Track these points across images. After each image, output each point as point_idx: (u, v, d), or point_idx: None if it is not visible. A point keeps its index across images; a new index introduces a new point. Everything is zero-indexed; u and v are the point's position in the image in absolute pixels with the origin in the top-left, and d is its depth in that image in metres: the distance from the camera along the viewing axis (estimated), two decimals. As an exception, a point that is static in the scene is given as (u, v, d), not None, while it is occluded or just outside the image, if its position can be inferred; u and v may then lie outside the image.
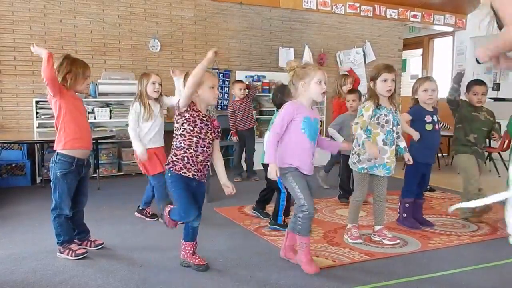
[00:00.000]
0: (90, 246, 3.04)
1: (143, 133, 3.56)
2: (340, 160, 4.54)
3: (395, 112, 3.15)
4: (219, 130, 2.65)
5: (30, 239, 3.25)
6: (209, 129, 2.56)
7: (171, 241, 3.23)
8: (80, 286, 2.47)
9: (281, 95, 3.39)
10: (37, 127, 5.37)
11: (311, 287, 2.48)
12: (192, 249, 2.69)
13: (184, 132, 2.51)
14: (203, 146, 2.54)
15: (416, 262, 2.86)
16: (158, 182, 3.55)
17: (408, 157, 3.27)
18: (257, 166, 5.65)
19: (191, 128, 2.50)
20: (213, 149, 2.64)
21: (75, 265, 2.76)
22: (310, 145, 2.65)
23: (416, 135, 3.44)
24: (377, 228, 3.27)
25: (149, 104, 3.56)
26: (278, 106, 3.36)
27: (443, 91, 7.87)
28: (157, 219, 3.73)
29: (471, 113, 3.71)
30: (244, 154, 5.75)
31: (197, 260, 2.67)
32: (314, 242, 3.20)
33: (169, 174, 2.55)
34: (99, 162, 5.36)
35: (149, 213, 3.81)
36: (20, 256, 2.91)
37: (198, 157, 2.54)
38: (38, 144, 5.22)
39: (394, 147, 3.16)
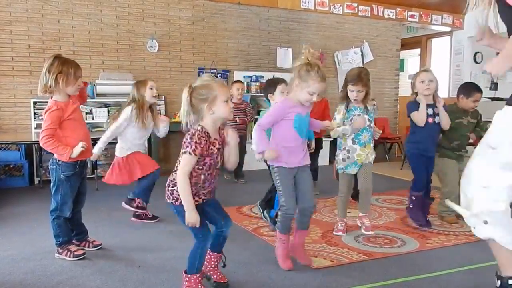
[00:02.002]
0: (88, 247, 3.04)
1: (131, 137, 3.62)
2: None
3: (372, 109, 3.33)
4: (224, 144, 2.36)
5: (28, 240, 3.25)
6: (221, 153, 2.28)
7: (170, 241, 3.23)
8: (78, 287, 2.47)
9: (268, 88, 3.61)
10: (35, 128, 5.36)
11: (310, 287, 2.48)
12: (218, 261, 2.48)
13: (191, 170, 2.18)
14: (210, 179, 2.27)
15: (414, 262, 2.87)
16: (151, 180, 3.63)
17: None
18: (246, 167, 5.65)
19: (200, 168, 2.20)
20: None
21: (74, 266, 2.76)
22: (302, 141, 2.69)
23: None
24: (360, 214, 3.48)
25: (144, 112, 3.57)
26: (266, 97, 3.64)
27: (441, 89, 7.90)
28: (157, 220, 3.72)
29: (455, 121, 3.63)
30: None
31: (218, 277, 2.46)
32: (312, 242, 3.21)
33: (178, 209, 2.23)
34: (97, 163, 5.35)
35: (149, 215, 3.76)
36: (18, 257, 2.90)
37: (205, 189, 2.29)
38: (36, 145, 5.20)
39: (370, 144, 3.33)
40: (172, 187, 2.23)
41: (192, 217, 2.15)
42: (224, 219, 2.39)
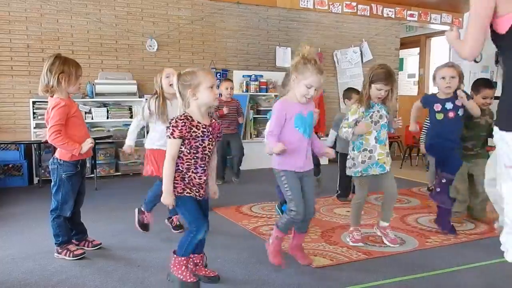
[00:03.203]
0: (88, 247, 3.04)
1: (157, 134, 3.29)
2: (338, 159, 4.55)
3: (387, 107, 3.15)
4: (220, 135, 2.44)
5: (27, 240, 3.25)
6: (210, 139, 2.33)
7: (169, 241, 3.23)
8: (77, 286, 2.47)
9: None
10: (34, 128, 5.36)
11: (309, 286, 2.48)
12: (200, 261, 2.53)
13: (180, 155, 2.29)
14: (202, 165, 2.33)
15: (414, 261, 2.87)
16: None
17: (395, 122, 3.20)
18: (245, 166, 5.62)
19: (188, 151, 2.29)
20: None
21: (73, 265, 2.76)
22: (307, 141, 2.62)
23: (413, 126, 3.46)
24: (382, 224, 3.21)
25: (163, 104, 3.26)
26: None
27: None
28: (182, 231, 3.40)
29: (473, 121, 3.49)
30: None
31: (207, 272, 2.52)
32: (312, 241, 3.21)
33: (179, 200, 2.31)
34: (97, 162, 5.36)
35: (175, 223, 3.49)
36: (18, 256, 2.90)
37: (200, 178, 2.34)
38: (35, 145, 5.20)
39: (387, 141, 3.15)
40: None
41: (167, 198, 2.27)
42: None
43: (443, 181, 3.41)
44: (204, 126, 2.30)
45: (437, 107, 3.31)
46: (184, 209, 2.34)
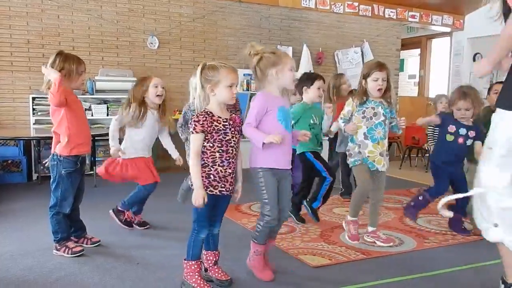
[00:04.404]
0: (86, 244, 3.04)
1: (136, 140, 3.31)
2: (339, 157, 4.57)
3: (388, 107, 3.12)
4: (241, 128, 2.39)
5: (26, 236, 3.24)
6: (233, 132, 2.31)
7: (169, 239, 3.23)
8: (76, 283, 2.47)
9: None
10: (34, 124, 5.34)
11: (307, 286, 2.49)
12: (214, 259, 2.51)
13: (204, 150, 2.27)
14: (228, 158, 2.30)
15: (412, 261, 2.87)
16: (146, 190, 3.35)
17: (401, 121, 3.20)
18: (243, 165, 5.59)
19: (211, 145, 2.27)
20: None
21: (72, 262, 2.76)
22: (289, 136, 2.51)
23: (421, 121, 3.48)
24: (370, 229, 3.23)
25: (143, 111, 3.22)
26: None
27: (440, 90, 7.89)
28: (148, 227, 3.49)
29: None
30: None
31: (219, 275, 2.49)
32: (311, 241, 3.21)
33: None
34: (96, 159, 5.34)
35: (140, 221, 3.52)
36: (16, 253, 2.90)
37: (226, 171, 2.31)
38: (34, 141, 5.20)
39: (384, 141, 3.12)
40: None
41: (198, 195, 2.23)
42: (217, 221, 2.48)
43: (420, 198, 3.46)
44: (225, 120, 2.30)
45: (451, 128, 3.36)
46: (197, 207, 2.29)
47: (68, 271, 2.62)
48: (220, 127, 2.27)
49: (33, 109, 5.35)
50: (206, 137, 2.26)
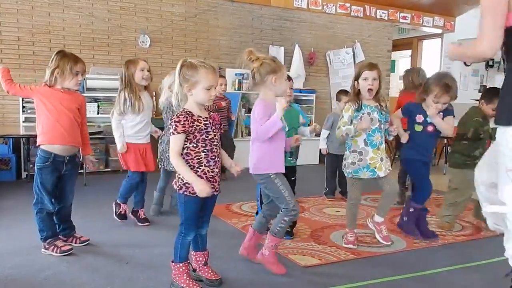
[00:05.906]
0: (75, 243, 3.01)
1: (127, 126, 3.39)
2: (325, 158, 4.66)
3: (384, 109, 3.08)
4: (221, 126, 2.40)
5: (14, 235, 3.21)
6: (214, 130, 2.29)
7: (158, 238, 3.22)
8: (65, 282, 2.45)
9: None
10: (23, 121, 5.30)
11: (297, 285, 2.49)
12: (203, 259, 2.50)
13: (188, 151, 2.23)
14: (213, 157, 2.27)
15: (402, 261, 2.89)
16: (133, 179, 3.47)
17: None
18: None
19: (194, 145, 2.23)
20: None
21: (60, 261, 2.74)
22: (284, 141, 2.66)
23: (404, 137, 3.26)
24: (377, 218, 3.20)
25: (139, 94, 3.35)
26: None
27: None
28: (148, 224, 3.53)
29: (483, 128, 3.40)
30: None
31: (209, 274, 2.48)
32: (301, 241, 3.22)
33: (183, 199, 2.27)
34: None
35: (141, 216, 3.57)
36: (4, 251, 2.87)
37: (213, 171, 2.29)
38: (24, 139, 5.15)
39: (382, 146, 3.09)
40: (178, 175, 2.28)
41: (200, 186, 2.18)
42: (205, 221, 2.45)
43: (410, 210, 3.38)
44: (205, 119, 2.27)
45: (419, 118, 3.23)
46: (184, 208, 2.29)
47: (57, 270, 2.60)
48: (202, 126, 2.24)
49: (23, 107, 5.31)
50: (188, 138, 2.21)
